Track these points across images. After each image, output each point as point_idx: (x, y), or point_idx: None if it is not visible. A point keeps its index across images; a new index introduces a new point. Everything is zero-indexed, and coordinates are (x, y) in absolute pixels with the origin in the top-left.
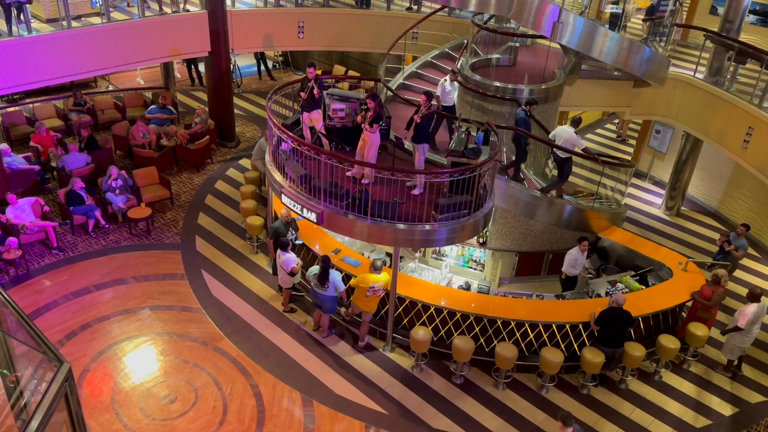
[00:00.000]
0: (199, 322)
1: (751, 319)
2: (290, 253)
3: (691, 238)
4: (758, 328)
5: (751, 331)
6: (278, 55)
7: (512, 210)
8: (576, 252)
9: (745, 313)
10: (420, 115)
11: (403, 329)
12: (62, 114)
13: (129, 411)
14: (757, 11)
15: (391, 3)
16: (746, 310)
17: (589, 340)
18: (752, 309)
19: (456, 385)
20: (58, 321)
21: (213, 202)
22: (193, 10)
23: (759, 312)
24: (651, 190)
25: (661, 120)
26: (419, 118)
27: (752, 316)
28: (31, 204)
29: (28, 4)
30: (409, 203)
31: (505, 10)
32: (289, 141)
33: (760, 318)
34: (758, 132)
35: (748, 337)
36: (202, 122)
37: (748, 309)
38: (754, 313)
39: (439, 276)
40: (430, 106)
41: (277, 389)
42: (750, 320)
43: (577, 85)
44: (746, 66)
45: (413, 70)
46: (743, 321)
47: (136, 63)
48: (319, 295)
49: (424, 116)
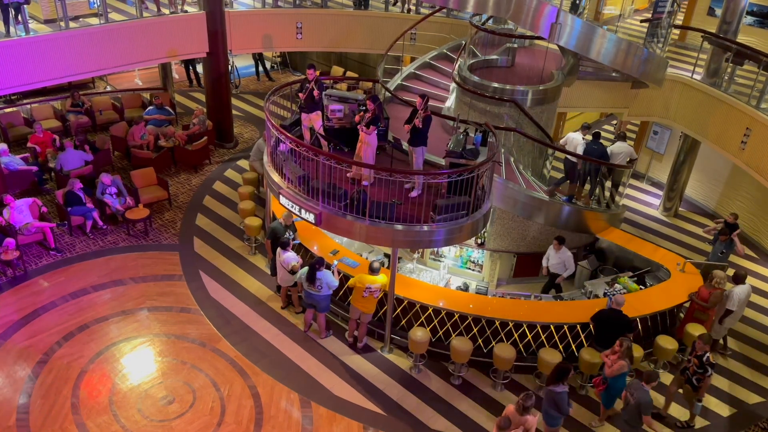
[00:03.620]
0: (197, 323)
1: (742, 300)
2: (290, 252)
3: (689, 239)
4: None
5: (738, 312)
6: (276, 56)
7: (510, 211)
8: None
9: (734, 296)
10: (419, 119)
11: (401, 330)
12: (60, 115)
13: (127, 412)
14: (754, 12)
15: (389, 4)
16: (734, 293)
17: (587, 341)
18: (739, 290)
19: (454, 386)
20: (55, 322)
21: (211, 203)
22: (191, 11)
23: (747, 292)
24: (649, 191)
25: (659, 121)
26: (420, 122)
27: (743, 296)
28: (28, 205)
29: (25, 5)
30: (407, 204)
31: (503, 11)
32: (287, 142)
33: (747, 298)
34: (756, 133)
35: (734, 318)
36: (200, 123)
37: (735, 291)
38: (745, 294)
39: (437, 277)
40: (426, 108)
41: (275, 390)
42: (741, 301)
43: (575, 86)
44: (744, 67)
45: (411, 71)
46: (732, 303)
47: (134, 64)
48: (313, 296)
49: (423, 119)
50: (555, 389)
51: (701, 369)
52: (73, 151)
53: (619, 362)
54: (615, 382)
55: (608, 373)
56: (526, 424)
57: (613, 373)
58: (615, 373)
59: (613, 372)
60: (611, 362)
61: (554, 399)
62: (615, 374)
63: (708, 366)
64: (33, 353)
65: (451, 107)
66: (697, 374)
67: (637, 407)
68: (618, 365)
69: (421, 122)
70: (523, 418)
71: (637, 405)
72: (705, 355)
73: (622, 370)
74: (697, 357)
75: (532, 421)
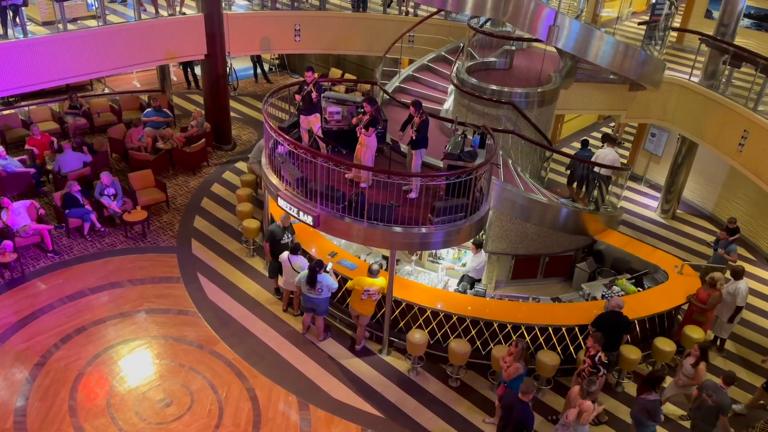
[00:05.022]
0: (195, 326)
1: (743, 295)
2: (302, 257)
3: (687, 241)
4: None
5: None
6: (275, 58)
7: (508, 213)
8: None
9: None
10: (414, 128)
11: (399, 332)
12: (58, 117)
13: (124, 415)
14: (752, 15)
15: (387, 6)
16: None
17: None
18: (743, 285)
19: (452, 388)
20: (53, 324)
21: (209, 205)
22: (189, 13)
23: (747, 287)
24: (647, 193)
25: (656, 123)
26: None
27: (746, 292)
28: (26, 207)
29: (23, 7)
30: (405, 206)
31: (501, 14)
32: (285, 144)
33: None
34: (753, 135)
35: None
36: (199, 125)
37: (740, 287)
38: (746, 290)
39: (435, 279)
40: (421, 113)
41: (273, 393)
42: (742, 295)
43: (573, 88)
44: (741, 69)
45: (410, 73)
46: (742, 299)
47: (132, 66)
48: (313, 299)
49: (418, 127)
50: (648, 397)
51: (594, 369)
52: (72, 153)
53: (515, 364)
54: (512, 384)
55: (505, 376)
56: (582, 407)
57: (510, 376)
58: (512, 375)
59: (510, 375)
60: (506, 365)
61: (647, 407)
62: (512, 377)
63: (600, 366)
64: (30, 356)
65: (449, 109)
66: (592, 375)
67: (717, 409)
68: (514, 367)
69: (417, 130)
70: (581, 401)
71: (718, 406)
72: (597, 354)
73: (518, 372)
74: (590, 357)
75: (587, 406)
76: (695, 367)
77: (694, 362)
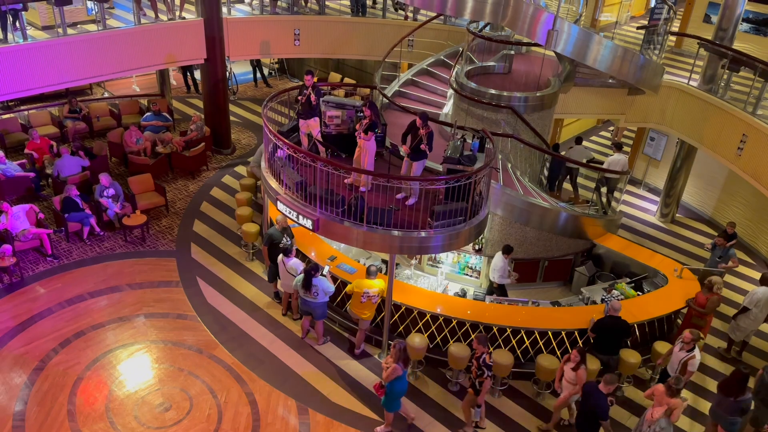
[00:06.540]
0: (194, 330)
1: (757, 299)
2: (294, 258)
3: (686, 245)
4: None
5: (758, 316)
6: (274, 62)
7: (508, 217)
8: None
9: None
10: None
11: (398, 336)
12: (57, 121)
13: (123, 419)
14: (750, 19)
15: (386, 11)
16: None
17: (585, 347)
18: (761, 291)
19: (452, 392)
20: (52, 329)
21: (208, 209)
22: (189, 18)
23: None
24: (646, 197)
25: (655, 127)
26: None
27: (759, 296)
28: (25, 211)
29: (23, 11)
30: (404, 210)
31: (500, 18)
32: (285, 148)
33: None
34: (752, 139)
35: (752, 319)
36: (198, 129)
37: (758, 291)
38: (761, 294)
39: (434, 283)
40: (427, 126)
41: (272, 397)
42: (755, 300)
43: (571, 92)
44: (740, 74)
45: (409, 77)
46: (749, 302)
47: (131, 70)
48: (310, 303)
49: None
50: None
51: (479, 371)
52: (71, 158)
53: (393, 366)
54: (392, 386)
55: (384, 377)
56: (671, 404)
57: (389, 378)
58: (391, 377)
59: (389, 376)
60: (386, 365)
61: (741, 407)
62: (391, 378)
63: (484, 367)
64: (29, 360)
65: (449, 113)
66: (478, 377)
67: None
68: (392, 369)
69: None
70: (668, 399)
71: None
72: (482, 356)
73: (396, 373)
74: (476, 359)
75: (676, 403)
76: (575, 371)
77: (574, 366)
